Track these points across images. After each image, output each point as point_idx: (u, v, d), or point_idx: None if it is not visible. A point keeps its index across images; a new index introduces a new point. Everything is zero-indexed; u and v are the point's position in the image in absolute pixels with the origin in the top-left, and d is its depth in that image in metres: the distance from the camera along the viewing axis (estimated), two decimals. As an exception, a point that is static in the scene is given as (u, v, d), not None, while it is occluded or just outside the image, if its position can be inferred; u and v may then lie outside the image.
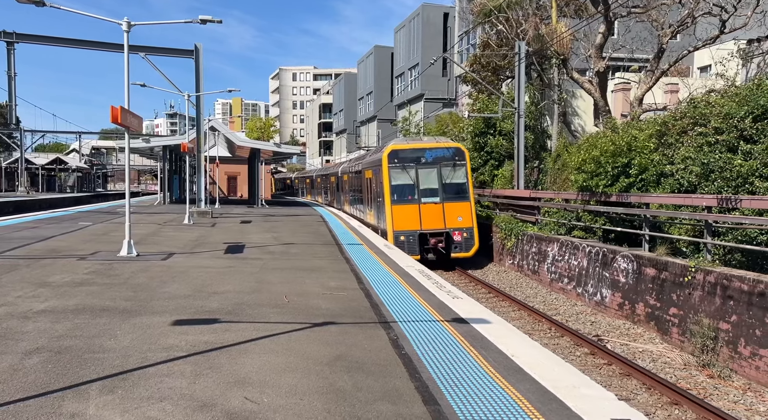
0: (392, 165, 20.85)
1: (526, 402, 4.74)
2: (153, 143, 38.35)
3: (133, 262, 12.36)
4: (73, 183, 72.35)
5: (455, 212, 20.57)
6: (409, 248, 19.55)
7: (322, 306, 8.21)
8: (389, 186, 20.73)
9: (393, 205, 20.51)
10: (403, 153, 21.10)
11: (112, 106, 12.64)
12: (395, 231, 20.28)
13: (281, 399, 4.78)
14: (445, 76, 52.91)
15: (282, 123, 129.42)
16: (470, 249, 20.52)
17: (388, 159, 20.92)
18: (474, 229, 20.51)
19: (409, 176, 20.84)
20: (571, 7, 26.64)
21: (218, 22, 16.12)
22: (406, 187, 20.85)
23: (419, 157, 21.01)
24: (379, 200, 22.13)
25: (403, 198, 20.70)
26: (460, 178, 21.03)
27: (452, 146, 21.53)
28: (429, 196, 20.73)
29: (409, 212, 20.45)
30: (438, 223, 20.50)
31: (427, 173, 20.90)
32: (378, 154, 23.09)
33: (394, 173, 20.84)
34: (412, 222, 20.40)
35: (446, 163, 20.99)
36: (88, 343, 6.27)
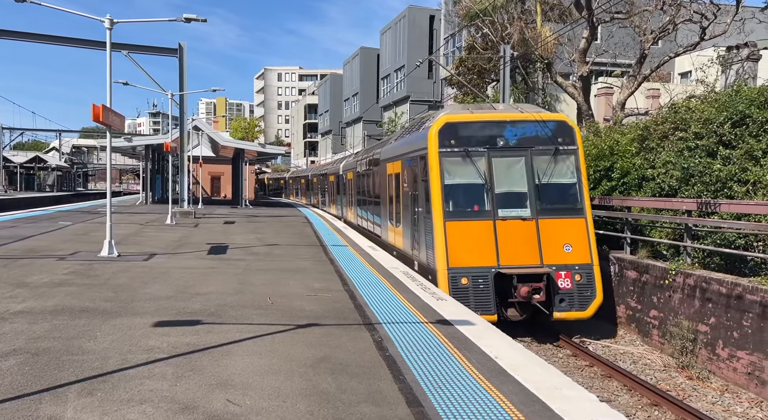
0: (446, 150, 12.10)
1: (509, 403, 4.76)
2: (135, 142, 37.88)
3: (113, 262, 12.18)
4: (52, 182, 71.12)
5: (560, 236, 11.76)
6: (477, 300, 11.15)
7: (306, 307, 8.17)
8: (440, 187, 11.93)
9: (447, 221, 11.75)
10: (466, 129, 12.26)
11: (93, 105, 12.47)
12: (451, 268, 11.41)
13: (264, 401, 4.74)
14: (430, 78, 53.13)
15: (267, 123, 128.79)
16: (588, 304, 11.60)
17: (438, 138, 12.09)
18: (595, 266, 11.76)
19: (476, 170, 11.99)
20: (555, 12, 26.94)
21: (203, 21, 16.00)
22: (471, 190, 12.09)
23: (494, 137, 12.18)
24: (416, 210, 13.33)
25: (463, 209, 11.99)
26: (567, 174, 12.20)
27: (552, 119, 12.55)
28: (512, 206, 11.93)
29: (475, 234, 11.70)
30: (529, 254, 11.63)
31: (509, 165, 12.17)
32: (416, 134, 14.07)
33: (450, 164, 12.07)
34: (482, 252, 11.58)
35: (542, 148, 12.14)
36: (66, 345, 6.16)
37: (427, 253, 12.36)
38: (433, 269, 11.92)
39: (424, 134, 12.78)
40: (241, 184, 39.25)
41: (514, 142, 12.21)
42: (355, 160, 24.78)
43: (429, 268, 12.22)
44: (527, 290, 11.11)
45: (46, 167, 69.55)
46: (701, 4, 19.54)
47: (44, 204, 40.38)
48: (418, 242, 13.29)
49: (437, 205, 11.92)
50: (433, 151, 12.14)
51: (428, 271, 12.17)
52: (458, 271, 11.39)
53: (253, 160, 50.74)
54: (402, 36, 56.15)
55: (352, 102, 73.15)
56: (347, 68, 76.34)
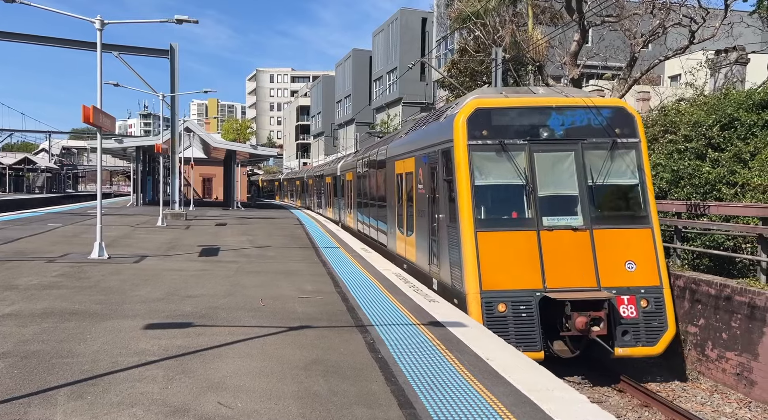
0: (476, 142, 9.83)
1: (500, 405, 4.78)
2: (126, 144, 37.65)
3: (104, 264, 12.10)
4: (42, 183, 70.52)
5: (620, 250, 9.52)
6: (519, 332, 8.96)
7: (298, 309, 8.15)
8: (469, 188, 9.70)
9: (479, 232, 9.49)
10: (502, 116, 9.98)
11: (84, 106, 12.40)
12: (485, 292, 9.18)
13: (256, 404, 4.73)
14: (423, 80, 53.26)
15: (259, 125, 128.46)
16: (657, 337, 9.28)
17: (467, 128, 9.87)
18: (665, 289, 9.50)
19: (514, 168, 9.77)
20: (546, 15, 27.11)
21: (194, 22, 15.95)
22: (508, 193, 9.92)
23: (536, 127, 9.96)
24: (436, 217, 10.96)
25: (499, 216, 9.82)
26: (627, 173, 10.00)
27: (607, 105, 10.30)
28: (559, 212, 9.71)
29: (514, 248, 9.47)
30: (582, 274, 9.35)
31: (555, 162, 9.93)
32: (435, 125, 11.73)
33: (481, 161, 9.86)
34: (524, 270, 9.33)
35: (596, 141, 9.96)
36: (56, 348, 6.12)
37: (452, 271, 9.87)
38: (460, 292, 9.41)
39: (448, 124, 10.28)
40: (233, 186, 39.12)
41: (560, 133, 9.86)
42: (355, 159, 22.17)
43: (454, 290, 9.72)
44: (585, 321, 8.68)
45: (35, 169, 68.96)
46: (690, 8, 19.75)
47: (33, 206, 40.03)
48: (437, 256, 10.76)
49: (466, 211, 9.49)
50: (461, 144, 9.74)
51: (453, 294, 9.65)
52: (494, 295, 8.99)
53: (245, 162, 50.59)
54: (394, 38, 56.26)
55: (344, 104, 73.15)
56: (340, 70, 76.35)
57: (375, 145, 20.19)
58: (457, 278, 9.74)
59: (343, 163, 26.49)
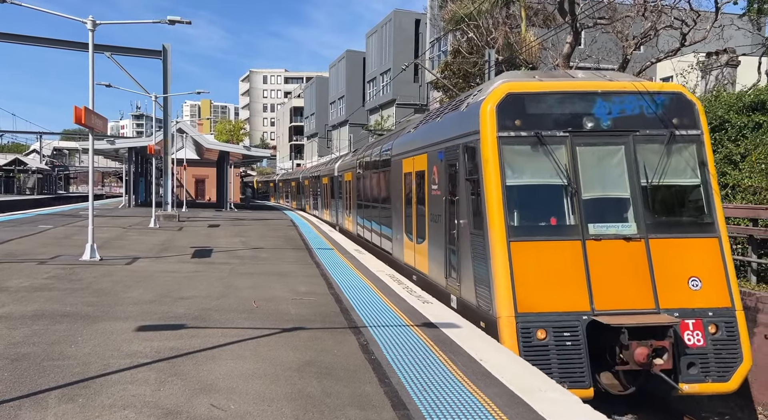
0: (508, 134, 8.28)
1: (493, 405, 4.79)
2: (118, 145, 37.46)
3: (96, 266, 12.02)
4: (33, 185, 70.00)
5: (682, 264, 8.03)
6: (563, 364, 7.40)
7: (291, 311, 8.14)
8: (500, 189, 8.13)
9: (512, 241, 7.92)
10: (538, 103, 8.45)
11: (75, 107, 12.33)
12: (521, 315, 7.61)
13: (249, 405, 4.72)
14: (416, 81, 53.33)
15: (252, 126, 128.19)
16: (730, 371, 7.64)
17: (497, 117, 8.31)
18: (738, 312, 7.88)
19: (554, 165, 8.27)
20: (539, 17, 27.23)
21: (187, 23, 15.90)
22: (546, 194, 8.40)
23: (579, 116, 8.44)
24: (456, 223, 9.31)
25: (535, 222, 8.26)
26: (687, 171, 8.54)
27: (662, 91, 8.72)
28: (608, 218, 8.19)
29: (555, 261, 7.91)
30: (638, 293, 7.80)
31: (602, 158, 8.46)
32: (454, 116, 10.05)
33: (514, 156, 8.32)
34: (567, 289, 7.79)
35: (650, 134, 8.43)
36: (47, 350, 6.07)
37: (477, 289, 8.18)
38: (488, 314, 7.76)
39: (472, 113, 8.70)
40: (226, 187, 39.00)
41: (608, 124, 8.27)
42: (355, 158, 20.62)
43: (480, 312, 8.03)
44: (647, 353, 7.06)
45: (26, 170, 68.45)
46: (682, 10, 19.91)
47: (24, 207, 39.72)
48: (457, 269, 9.09)
49: (496, 216, 7.83)
50: (489, 136, 8.09)
51: (478, 315, 8.00)
52: (532, 319, 7.37)
53: (238, 163, 50.45)
54: (388, 39, 56.33)
55: (338, 105, 73.13)
56: (333, 71, 76.34)
57: (377, 142, 18.48)
58: (484, 297, 7.98)
59: (341, 162, 24.85)
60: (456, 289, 9.21)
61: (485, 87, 9.52)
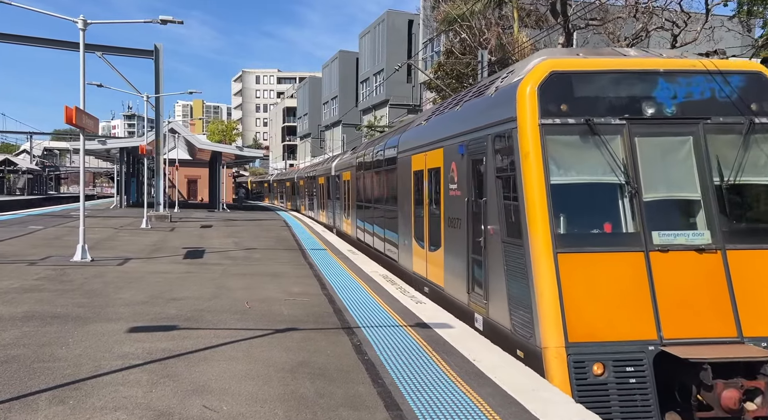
0: (552, 122, 6.63)
1: (486, 406, 4.80)
2: (110, 145, 37.26)
3: (87, 267, 11.94)
4: (23, 185, 69.47)
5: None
6: (626, 406, 5.76)
7: (284, 312, 8.12)
8: (543, 188, 6.47)
9: (560, 253, 6.26)
10: (588, 84, 6.83)
11: (66, 107, 12.25)
12: (573, 345, 5.94)
13: (241, 407, 4.70)
14: (410, 82, 53.38)
15: (245, 126, 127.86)
16: None
17: (539, 100, 6.66)
18: None
19: (608, 159, 6.64)
20: (532, 18, 27.36)
21: (179, 23, 15.84)
22: (599, 195, 6.79)
23: (637, 100, 6.81)
24: (482, 229, 7.80)
25: (586, 229, 6.65)
26: None
27: (736, 70, 7.07)
28: (676, 224, 6.59)
29: (612, 277, 6.25)
30: (714, 317, 6.14)
31: (666, 151, 6.85)
32: (480, 102, 8.54)
33: (560, 148, 6.67)
34: (627, 312, 6.14)
35: (724, 122, 6.83)
36: (37, 352, 6.02)
37: (513, 310, 6.74)
38: (529, 342, 6.29)
39: (505, 97, 7.24)
40: (219, 188, 38.87)
41: (672, 110, 6.78)
42: (354, 156, 19.29)
43: (517, 338, 6.60)
44: (738, 396, 5.64)
45: (16, 170, 67.91)
46: (673, 12, 20.06)
47: (14, 208, 39.37)
48: (483, 284, 7.61)
49: (539, 221, 6.36)
50: (530, 124, 6.60)
51: (515, 343, 6.65)
52: (586, 350, 5.91)
53: (231, 163, 50.30)
54: (381, 40, 56.36)
55: (331, 105, 73.08)
56: (326, 71, 76.29)
57: (379, 138, 17.25)
58: (522, 321, 6.50)
59: (338, 161, 23.42)
60: (481, 308, 7.69)
61: (519, 66, 7.84)
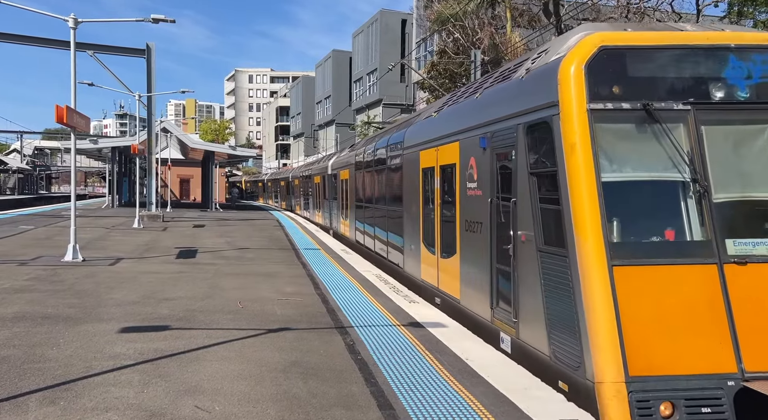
0: (604, 106, 5.41)
1: (479, 404, 4.81)
2: (101, 144, 37.04)
3: (78, 267, 11.87)
4: (13, 185, 68.95)
5: None
6: None
7: (277, 312, 8.10)
8: (594, 186, 5.27)
9: (616, 266, 5.04)
10: (646, 61, 5.56)
11: (57, 106, 12.16)
12: (634, 379, 4.74)
13: (234, 407, 4.68)
14: (403, 81, 53.42)
15: (238, 125, 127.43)
16: None
17: (588, 81, 5.42)
18: None
19: (670, 151, 5.42)
20: (524, 18, 27.45)
21: (171, 22, 15.77)
22: (659, 195, 5.53)
23: (704, 81, 5.55)
24: (512, 236, 6.55)
25: (646, 236, 5.36)
26: None
27: None
28: (753, 230, 5.36)
29: (679, 295, 5.02)
30: None
31: (740, 141, 5.61)
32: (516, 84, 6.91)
33: (612, 139, 5.47)
34: (698, 338, 4.92)
35: None
36: (27, 353, 5.97)
37: (553, 332, 5.60)
38: (576, 373, 5.16)
39: (543, 78, 6.08)
40: (212, 187, 38.72)
41: (746, 93, 5.65)
42: (353, 153, 18.09)
43: (558, 366, 5.46)
44: None
45: (6, 169, 67.31)
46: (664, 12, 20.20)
47: (4, 207, 39.04)
48: (512, 299, 6.49)
49: (588, 226, 5.24)
50: (576, 110, 5.44)
51: (556, 372, 5.49)
52: (651, 386, 4.82)
53: (224, 163, 50.11)
54: (374, 39, 56.34)
55: (324, 105, 72.98)
56: (319, 71, 76.17)
57: (380, 134, 16.20)
58: (566, 347, 5.35)
59: (336, 159, 22.32)
60: (509, 327, 6.58)
61: (556, 43, 6.58)
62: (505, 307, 6.74)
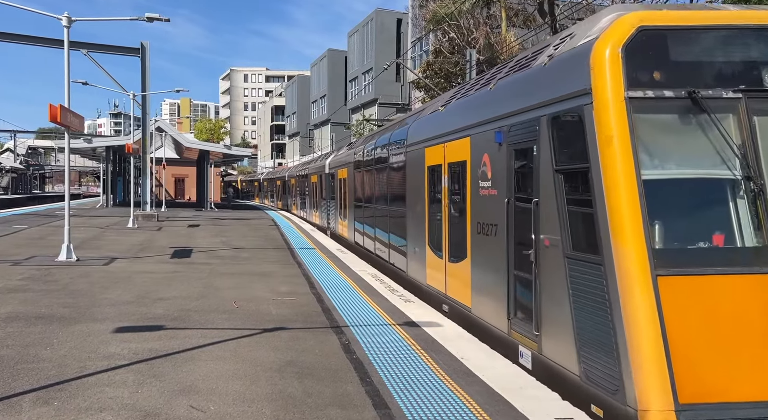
0: (644, 94, 4.77)
1: (474, 404, 4.82)
2: (95, 144, 36.88)
3: (72, 267, 11.82)
4: (6, 184, 68.51)
5: None
6: None
7: (272, 311, 8.09)
8: (634, 185, 4.61)
9: (661, 276, 4.38)
10: (690, 44, 4.90)
11: (50, 104, 12.10)
12: (685, 407, 4.08)
13: (229, 407, 4.67)
14: (398, 81, 53.40)
15: (233, 125, 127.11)
16: None
17: (625, 66, 4.78)
18: None
19: (720, 143, 4.74)
20: (520, 18, 27.50)
21: (166, 21, 15.72)
22: (708, 195, 4.90)
23: (755, 66, 4.86)
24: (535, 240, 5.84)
25: (694, 241, 4.70)
26: None
27: None
28: None
29: (733, 309, 4.36)
30: None
31: None
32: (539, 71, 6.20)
33: (654, 131, 4.83)
34: (758, 360, 4.23)
35: None
36: (21, 353, 5.94)
37: (584, 350, 5.01)
38: (614, 398, 4.59)
39: (573, 62, 5.44)
40: (206, 187, 38.61)
41: None
42: (352, 151, 17.39)
43: (592, 389, 4.88)
44: None
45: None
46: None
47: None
48: (533, 309, 5.84)
49: (628, 231, 4.65)
50: (613, 98, 4.86)
51: (588, 395, 4.92)
52: (705, 414, 4.22)
53: (219, 162, 50.01)
54: (370, 39, 56.31)
55: (319, 104, 72.90)
56: (315, 70, 76.06)
57: (381, 131, 15.61)
58: (601, 368, 4.74)
59: (334, 157, 21.72)
60: (530, 340, 5.96)
61: (584, 26, 6.00)
62: (525, 318, 6.16)
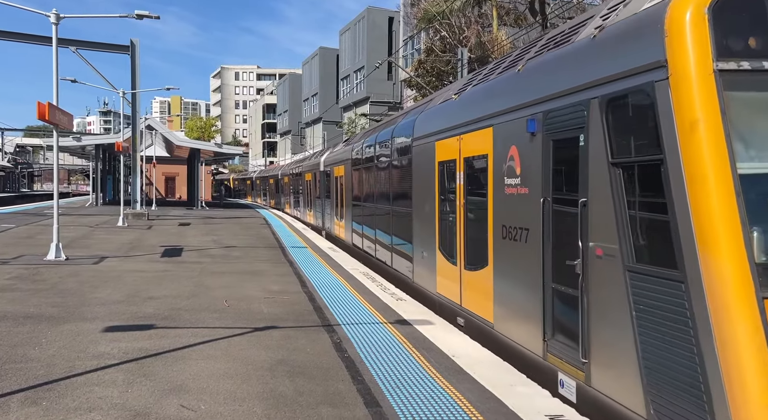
0: (737, 66, 3.65)
1: (465, 401, 4.83)
2: (85, 142, 36.58)
3: (61, 266, 11.72)
4: (-6, 182, 67.83)
5: None
6: None
7: (263, 310, 8.07)
8: (730, 182, 3.50)
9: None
10: None
11: (38, 102, 11.98)
12: None
13: (219, 406, 4.66)
14: (390, 79, 53.38)
15: (224, 123, 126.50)
16: None
17: (713, 32, 3.66)
18: None
19: None
20: (511, 16, 27.57)
21: (156, 18, 15.62)
22: None
23: None
24: (582, 249, 4.85)
25: None
26: None
27: None
28: None
29: None
30: None
31: None
32: (587, 45, 5.06)
33: (750, 112, 3.74)
34: None
35: None
36: (9, 353, 5.89)
37: (658, 390, 3.95)
38: None
39: (641, 28, 4.30)
40: (197, 185, 38.42)
41: None
42: (349, 148, 16.39)
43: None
44: None
45: (-13, 167, 66.22)
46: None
47: (-15, 206, 38.42)
48: (582, 334, 4.86)
49: (721, 241, 3.53)
50: (695, 70, 3.74)
51: None
52: None
53: (210, 161, 49.77)
54: (361, 37, 56.24)
55: (311, 102, 72.72)
56: (306, 68, 75.86)
57: (381, 125, 14.55)
58: (683, 413, 3.78)
59: (329, 154, 20.71)
60: (574, 368, 5.01)
61: None
62: (567, 341, 5.15)
